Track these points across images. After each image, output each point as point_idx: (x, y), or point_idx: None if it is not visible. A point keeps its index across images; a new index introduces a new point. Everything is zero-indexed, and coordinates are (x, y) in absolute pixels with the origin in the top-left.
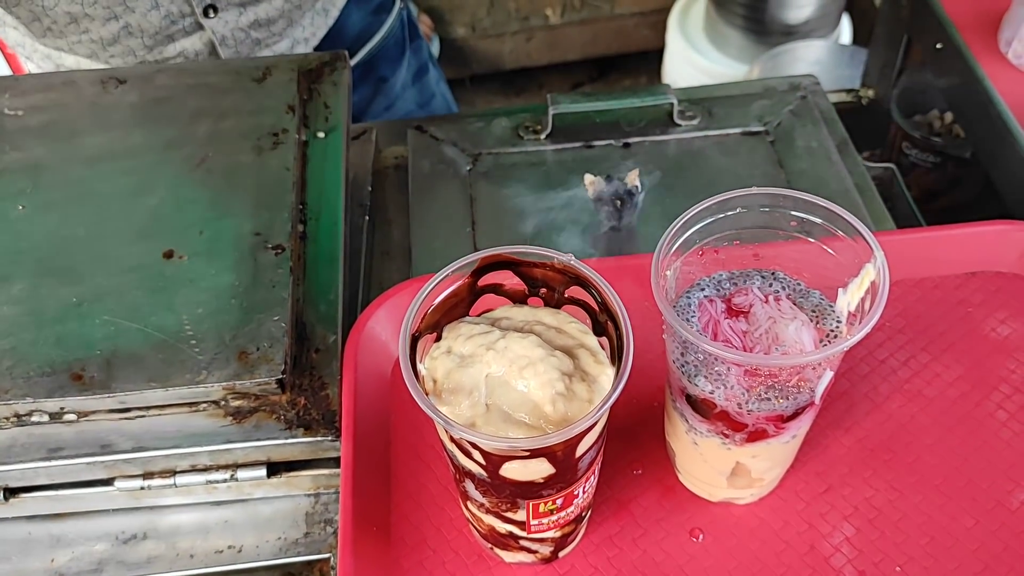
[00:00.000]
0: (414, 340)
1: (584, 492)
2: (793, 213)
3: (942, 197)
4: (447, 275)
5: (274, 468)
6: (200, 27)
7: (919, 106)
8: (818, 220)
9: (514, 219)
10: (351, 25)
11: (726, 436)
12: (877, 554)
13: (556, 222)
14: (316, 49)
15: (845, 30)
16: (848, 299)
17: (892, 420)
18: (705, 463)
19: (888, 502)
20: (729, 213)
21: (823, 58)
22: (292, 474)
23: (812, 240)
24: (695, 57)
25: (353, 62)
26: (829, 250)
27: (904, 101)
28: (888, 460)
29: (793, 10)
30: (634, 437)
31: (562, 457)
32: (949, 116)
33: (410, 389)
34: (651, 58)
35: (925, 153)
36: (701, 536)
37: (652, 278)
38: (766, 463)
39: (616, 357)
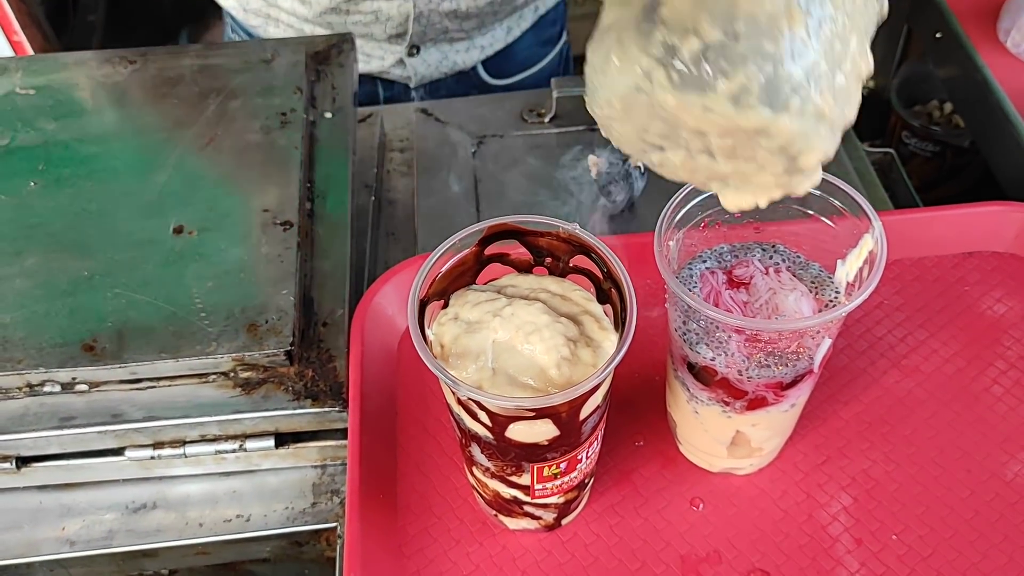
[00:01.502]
0: (422, 306)
1: (587, 457)
2: None
3: (941, 185)
4: (454, 243)
5: (282, 439)
6: None
7: (919, 96)
8: (817, 192)
9: (518, 200)
10: (520, 49)
11: (726, 404)
12: (874, 523)
13: (560, 202)
14: (485, 62)
15: None
16: (847, 270)
17: (889, 394)
18: (706, 432)
19: (885, 473)
20: None
21: None
22: (299, 445)
23: (812, 213)
24: None
25: (508, 82)
26: (828, 222)
27: (904, 91)
28: (885, 433)
29: None
30: (636, 410)
31: (566, 419)
32: (948, 106)
33: (419, 351)
34: None
35: (924, 142)
36: (701, 505)
37: (655, 246)
38: (766, 432)
39: (620, 323)
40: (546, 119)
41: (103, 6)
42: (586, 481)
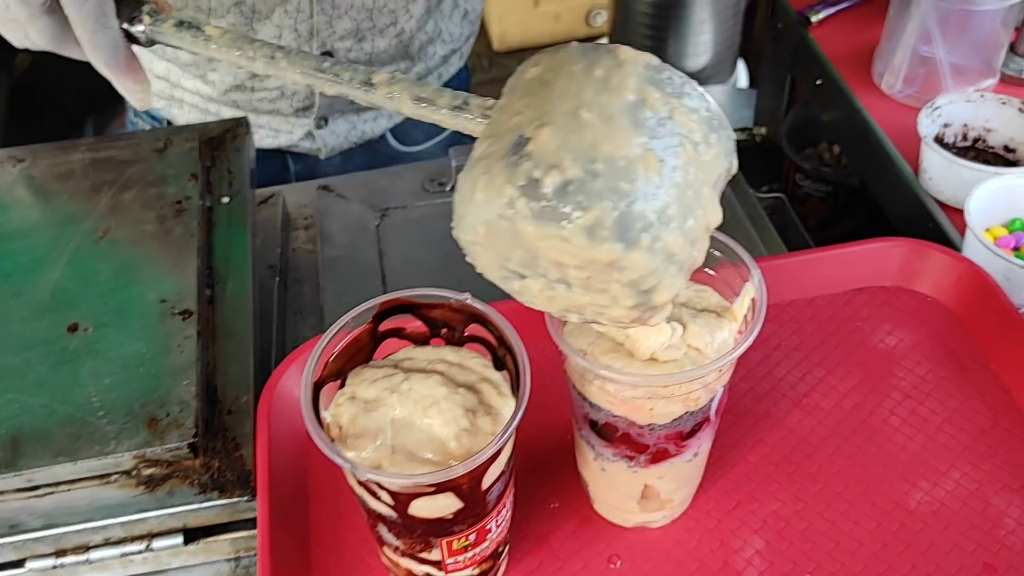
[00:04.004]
0: (316, 388)
1: (498, 526)
2: None
3: (837, 224)
4: (346, 323)
5: (192, 535)
6: None
7: (809, 139)
8: None
9: (424, 270)
10: None
11: (631, 459)
12: (787, 564)
13: (466, 270)
14: (393, 130)
15: (742, 75)
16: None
17: (793, 434)
18: (616, 489)
19: (794, 513)
20: None
21: (723, 101)
22: (210, 539)
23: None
24: None
25: (417, 149)
26: (711, 272)
27: (794, 136)
28: (792, 473)
29: (691, 59)
30: (549, 472)
31: (468, 490)
32: (837, 147)
33: (313, 436)
34: None
35: (817, 183)
36: (619, 562)
37: None
38: (672, 483)
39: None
40: (447, 188)
41: (4, 99)
42: (500, 550)
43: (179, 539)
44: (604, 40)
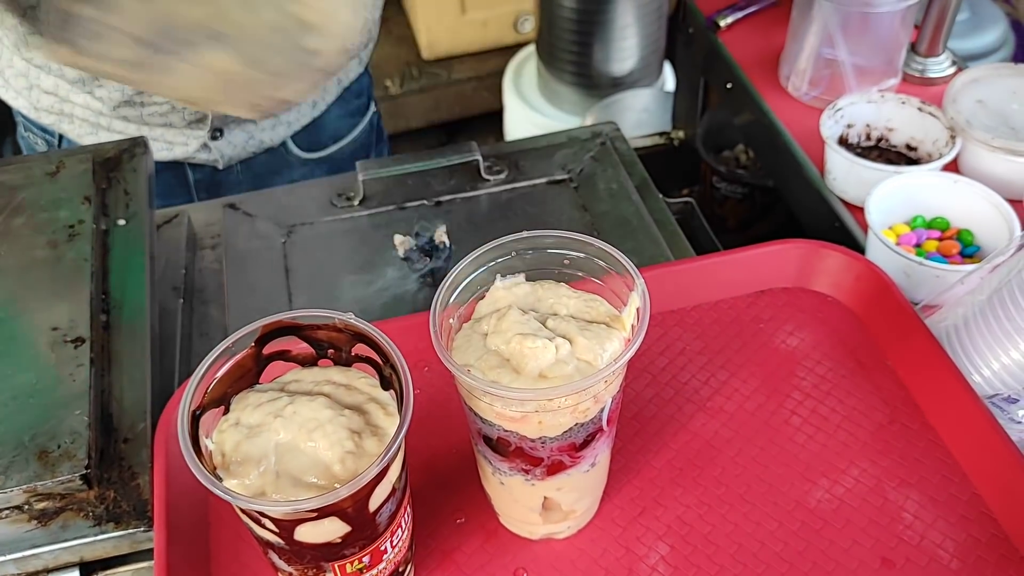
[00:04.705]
0: (196, 416)
1: (393, 547)
2: (566, 253)
3: (756, 224)
4: (228, 346)
5: (89, 568)
6: None
7: (724, 142)
8: (582, 255)
9: (331, 287)
10: (329, 122)
11: (527, 472)
12: (691, 568)
13: (373, 285)
14: (294, 137)
15: (669, 78)
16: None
17: (698, 438)
18: (516, 502)
19: (698, 517)
20: (501, 259)
21: (650, 105)
22: (109, 572)
23: (581, 275)
24: (532, 114)
25: (320, 155)
26: (599, 282)
27: (709, 139)
28: (696, 477)
29: (616, 63)
30: (455, 487)
31: (354, 513)
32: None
33: (190, 465)
34: (494, 119)
35: (733, 185)
36: (525, 575)
37: (431, 326)
38: (573, 494)
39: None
40: (355, 202)
41: None
42: (401, 569)
43: (75, 573)
44: (532, 47)
